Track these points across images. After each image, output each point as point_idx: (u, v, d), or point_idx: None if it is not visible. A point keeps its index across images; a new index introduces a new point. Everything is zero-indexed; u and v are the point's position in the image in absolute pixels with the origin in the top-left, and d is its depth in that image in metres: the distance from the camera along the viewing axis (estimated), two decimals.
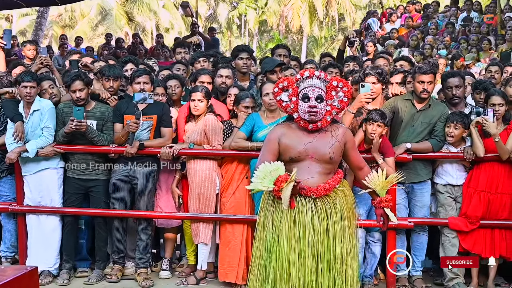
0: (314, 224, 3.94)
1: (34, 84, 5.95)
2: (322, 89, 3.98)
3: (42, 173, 6.04)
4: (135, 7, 36.55)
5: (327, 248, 3.93)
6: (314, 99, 3.94)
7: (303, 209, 3.96)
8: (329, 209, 3.99)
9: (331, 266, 3.93)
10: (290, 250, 3.94)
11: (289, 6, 37.82)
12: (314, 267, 3.92)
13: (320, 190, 3.97)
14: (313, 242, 3.92)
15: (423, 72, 5.71)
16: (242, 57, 7.07)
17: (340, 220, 4.00)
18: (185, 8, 15.84)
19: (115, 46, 15.49)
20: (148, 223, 6.16)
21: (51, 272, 6.06)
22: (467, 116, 5.74)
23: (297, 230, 3.94)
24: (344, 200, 4.07)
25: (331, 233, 3.95)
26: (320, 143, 4.02)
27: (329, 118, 4.02)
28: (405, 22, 15.33)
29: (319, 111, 3.95)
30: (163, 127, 6.08)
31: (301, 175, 3.95)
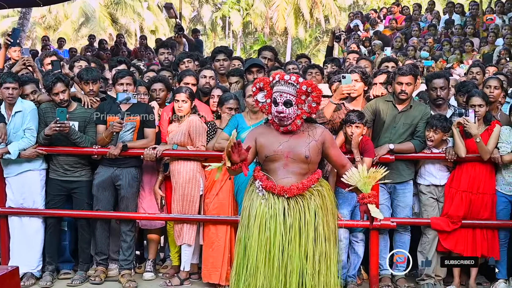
0: (286, 223, 3.95)
1: (16, 85, 5.92)
2: (292, 94, 3.95)
3: (25, 174, 6.03)
4: (119, 9, 36.41)
5: (299, 249, 3.92)
6: (281, 105, 3.95)
7: (275, 208, 3.97)
8: (302, 209, 3.98)
9: (302, 267, 3.92)
10: (261, 249, 3.96)
11: (274, 7, 37.85)
12: (284, 267, 3.91)
13: (293, 189, 3.97)
14: (284, 241, 3.93)
15: (402, 73, 5.75)
16: (219, 59, 7.20)
17: (314, 220, 3.97)
18: (168, 10, 15.79)
19: (98, 47, 15.41)
20: (131, 224, 6.15)
21: (33, 274, 6.03)
22: (447, 120, 5.79)
23: (268, 229, 3.96)
24: (320, 200, 4.04)
25: (304, 233, 3.95)
26: (296, 143, 4.02)
27: (299, 122, 4.00)
28: (389, 24, 15.42)
29: (287, 116, 3.95)
30: (147, 128, 6.07)
31: (276, 174, 4.02)
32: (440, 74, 6.19)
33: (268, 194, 4.02)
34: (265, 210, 3.99)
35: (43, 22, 36.00)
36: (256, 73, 6.60)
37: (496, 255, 5.80)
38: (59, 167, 6.05)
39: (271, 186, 3.99)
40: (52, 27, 35.72)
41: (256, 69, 6.67)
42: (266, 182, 4.02)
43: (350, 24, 16.44)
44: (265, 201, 4.02)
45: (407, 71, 5.76)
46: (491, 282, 5.92)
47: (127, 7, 36.25)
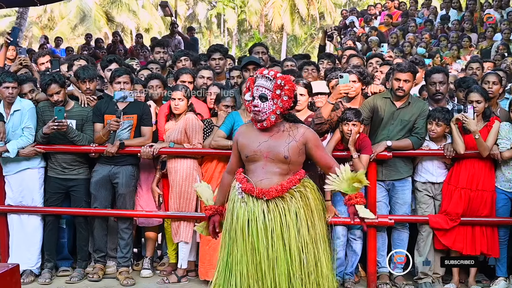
0: (266, 226, 3.86)
1: (15, 84, 5.95)
2: (268, 88, 3.89)
3: (23, 173, 6.04)
4: (114, 8, 36.38)
5: (284, 252, 3.84)
6: (257, 98, 3.89)
7: (255, 211, 3.90)
8: (283, 211, 3.87)
9: (289, 270, 3.83)
10: (246, 253, 3.90)
11: (270, 4, 37.86)
12: (271, 271, 3.84)
13: (272, 191, 3.87)
14: (267, 245, 3.85)
15: (400, 70, 5.72)
16: (215, 58, 7.23)
17: (295, 222, 3.86)
18: (164, 8, 15.83)
19: (94, 46, 15.42)
20: (129, 222, 6.16)
21: (33, 271, 6.05)
22: (448, 112, 5.75)
23: (251, 234, 3.90)
24: (302, 201, 3.92)
25: (286, 236, 3.84)
26: (275, 143, 3.93)
27: (273, 118, 3.89)
28: (384, 20, 15.42)
29: (261, 110, 3.88)
30: (144, 126, 6.09)
31: (257, 176, 3.94)
32: (439, 69, 6.17)
33: (247, 197, 3.95)
34: (245, 213, 3.93)
35: (40, 21, 35.95)
36: (252, 71, 6.62)
37: (496, 253, 5.77)
38: (57, 165, 6.06)
39: (250, 189, 3.92)
40: (48, 26, 35.68)
41: (252, 67, 6.68)
42: (246, 185, 3.95)
43: (346, 21, 16.43)
44: (244, 204, 3.95)
45: (405, 67, 5.73)
46: (491, 280, 5.90)
47: (123, 6, 36.22)
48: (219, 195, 4.26)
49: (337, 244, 5.79)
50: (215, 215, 4.24)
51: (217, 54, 7.35)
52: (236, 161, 4.15)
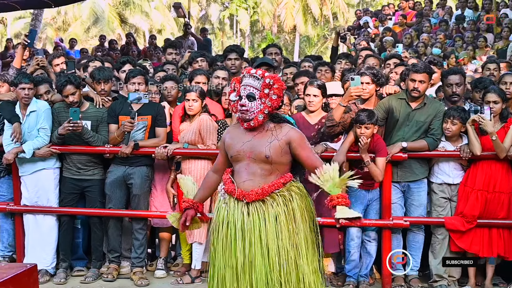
0: (244, 229, 3.80)
1: (31, 85, 5.99)
2: (256, 87, 3.81)
3: (39, 173, 6.07)
4: (127, 9, 36.52)
5: (262, 257, 3.75)
6: (245, 98, 3.81)
7: (235, 213, 3.85)
8: (262, 215, 3.78)
9: (267, 277, 3.74)
10: (224, 256, 3.86)
11: (282, 5, 37.83)
12: (248, 276, 3.77)
13: (252, 195, 3.79)
14: (243, 248, 3.79)
15: (416, 70, 5.66)
16: (231, 58, 7.23)
17: (274, 227, 3.76)
18: (177, 9, 15.86)
19: (108, 47, 15.49)
20: (143, 222, 6.18)
21: (48, 271, 6.08)
22: (464, 111, 5.70)
23: (229, 236, 3.85)
24: (285, 206, 3.81)
25: (264, 240, 3.76)
26: (257, 142, 3.84)
27: (261, 117, 3.81)
28: (398, 20, 15.36)
29: (249, 109, 3.79)
30: (158, 127, 6.10)
31: (240, 176, 3.88)
32: (456, 71, 6.11)
33: (229, 199, 3.90)
34: (225, 215, 3.89)
35: (54, 23, 36.16)
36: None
37: None
38: (72, 166, 6.09)
39: (232, 190, 3.87)
40: (62, 28, 35.88)
41: (265, 68, 6.66)
42: (228, 186, 3.90)
43: (360, 21, 16.39)
44: (226, 206, 3.91)
45: (421, 68, 5.68)
46: (508, 283, 5.84)
47: (136, 7, 36.35)
48: (199, 191, 4.20)
49: (351, 246, 5.78)
50: (190, 209, 4.15)
51: (233, 54, 7.36)
52: (223, 161, 4.10)
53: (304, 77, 6.33)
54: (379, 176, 5.54)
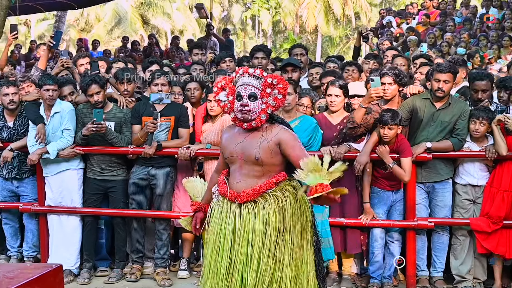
0: (234, 231, 3.77)
1: (55, 87, 6.04)
2: (257, 87, 3.76)
3: (63, 174, 6.12)
4: (150, 10, 36.72)
5: (245, 259, 3.71)
6: (246, 97, 3.74)
7: (227, 215, 3.82)
8: (252, 216, 3.74)
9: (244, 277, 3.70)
10: (212, 257, 3.84)
11: (304, 5, 37.76)
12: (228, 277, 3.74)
13: (243, 195, 3.76)
14: (229, 250, 3.77)
15: (440, 70, 5.60)
16: (258, 57, 7.25)
17: (263, 226, 3.71)
18: (199, 10, 15.88)
19: (131, 48, 15.57)
20: (166, 223, 6.19)
21: (72, 271, 6.12)
22: (492, 111, 5.64)
23: (219, 237, 3.82)
24: (277, 206, 3.74)
25: (251, 242, 3.71)
26: (249, 143, 3.81)
27: (264, 117, 3.76)
28: (422, 20, 15.23)
29: (252, 109, 3.73)
30: (181, 128, 6.12)
31: (234, 177, 3.87)
32: (483, 76, 5.98)
33: (222, 200, 3.88)
34: (218, 216, 3.86)
35: (77, 25, 36.47)
36: (291, 72, 6.58)
37: None
38: (96, 167, 6.13)
39: (224, 192, 3.85)
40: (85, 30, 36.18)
41: (291, 69, 6.65)
42: (221, 187, 3.88)
43: (383, 21, 16.29)
44: (218, 207, 3.89)
45: (446, 68, 5.62)
46: None
47: (158, 8, 36.53)
48: (206, 193, 4.21)
49: (375, 247, 5.75)
50: (199, 211, 4.16)
51: (260, 54, 7.40)
52: (223, 162, 4.07)
53: (332, 77, 6.30)
54: (404, 177, 5.49)
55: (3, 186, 6.36)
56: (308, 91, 6.55)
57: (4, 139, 6.24)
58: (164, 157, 6.08)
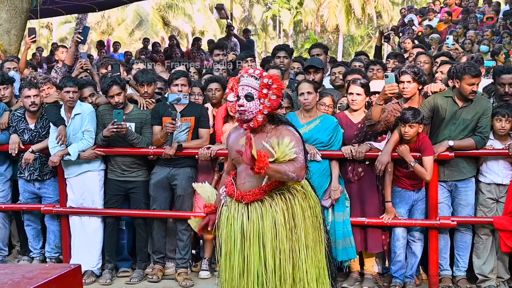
0: (243, 231, 3.78)
1: (76, 89, 6.07)
2: (254, 87, 3.74)
3: (84, 175, 6.15)
4: (171, 12, 36.87)
5: (258, 257, 3.72)
6: (243, 98, 3.73)
7: (234, 215, 3.83)
8: (260, 215, 3.75)
9: (263, 276, 3.70)
10: (225, 258, 3.86)
11: (325, 4, 37.66)
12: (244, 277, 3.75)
13: (249, 195, 3.78)
14: (240, 250, 3.77)
15: (474, 75, 5.50)
16: (280, 56, 7.22)
17: (272, 226, 3.72)
18: (220, 11, 15.93)
19: (152, 50, 15.64)
20: (187, 223, 6.16)
21: (94, 272, 6.15)
22: None
23: (229, 237, 3.84)
24: (285, 204, 3.76)
25: (261, 241, 3.73)
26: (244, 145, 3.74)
27: (261, 118, 3.73)
28: (443, 17, 15.09)
29: (247, 110, 3.72)
30: (201, 128, 6.12)
31: (240, 178, 3.88)
32: (509, 69, 5.88)
33: (230, 201, 3.89)
34: (226, 217, 3.88)
35: (99, 27, 36.75)
36: (313, 74, 6.54)
37: None
38: (117, 168, 6.15)
39: (231, 192, 3.85)
40: (106, 32, 36.44)
41: (313, 70, 6.60)
42: (228, 188, 3.90)
43: (405, 19, 16.19)
44: (226, 208, 3.90)
45: (478, 72, 5.55)
46: None
47: (178, 10, 36.67)
48: (218, 195, 4.19)
49: (397, 247, 5.71)
50: (213, 213, 4.12)
51: (282, 53, 7.38)
52: (231, 163, 4.08)
53: (356, 75, 6.25)
54: (426, 175, 5.44)
55: (25, 188, 6.40)
56: (330, 91, 6.51)
57: (26, 141, 6.28)
58: (185, 157, 6.08)
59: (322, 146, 5.71)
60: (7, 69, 7.49)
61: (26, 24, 9.81)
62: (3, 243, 6.56)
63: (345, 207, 5.71)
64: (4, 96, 6.54)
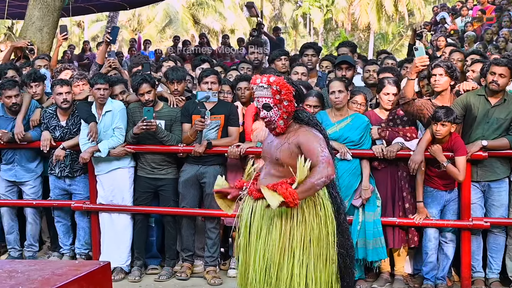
0: (251, 228, 3.93)
1: (107, 86, 6.10)
2: (268, 96, 3.84)
3: (115, 172, 6.18)
4: (201, 10, 37.01)
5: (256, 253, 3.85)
6: (262, 110, 3.87)
7: (246, 211, 3.99)
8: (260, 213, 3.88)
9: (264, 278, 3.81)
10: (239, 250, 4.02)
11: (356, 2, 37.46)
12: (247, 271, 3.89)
13: (256, 192, 3.89)
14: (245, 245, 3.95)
15: (497, 63, 5.46)
16: (308, 54, 7.19)
17: (269, 225, 3.83)
18: (250, 9, 15.92)
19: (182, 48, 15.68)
20: (216, 221, 6.18)
21: (123, 268, 6.18)
22: None
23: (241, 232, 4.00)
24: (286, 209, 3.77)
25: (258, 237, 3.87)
26: (274, 144, 3.94)
27: (282, 123, 3.87)
28: (476, 15, 14.88)
29: (270, 119, 3.87)
30: (231, 126, 6.10)
31: (261, 175, 4.01)
32: None
33: (245, 196, 3.99)
34: (242, 212, 4.03)
35: (129, 25, 37.06)
36: (345, 70, 6.48)
37: None
38: (147, 165, 6.16)
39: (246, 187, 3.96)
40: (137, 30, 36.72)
41: (345, 66, 6.54)
42: (247, 183, 4.02)
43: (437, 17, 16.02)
44: (242, 203, 4.03)
45: (502, 61, 5.48)
46: None
47: (209, 8, 36.79)
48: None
49: (428, 248, 5.64)
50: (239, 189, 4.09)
51: (310, 51, 7.34)
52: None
53: (389, 74, 6.18)
54: (459, 176, 5.35)
55: (56, 184, 6.44)
56: (361, 89, 6.45)
57: (57, 138, 6.32)
58: (214, 155, 6.08)
59: (352, 145, 5.66)
60: (38, 66, 7.57)
61: (58, 22, 9.92)
62: (33, 239, 6.62)
63: (376, 207, 5.65)
64: (36, 93, 6.62)
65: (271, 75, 3.90)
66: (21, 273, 2.61)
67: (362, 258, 5.64)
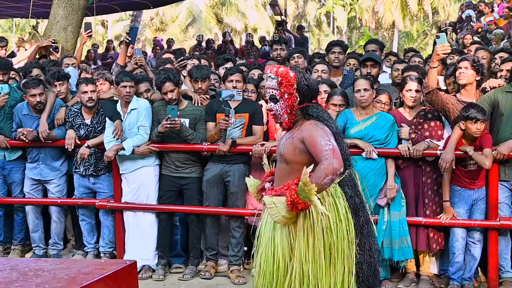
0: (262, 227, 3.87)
1: (132, 83, 6.11)
2: (275, 87, 3.68)
3: (140, 171, 6.18)
4: (224, 9, 37.08)
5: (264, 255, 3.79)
6: (269, 101, 3.73)
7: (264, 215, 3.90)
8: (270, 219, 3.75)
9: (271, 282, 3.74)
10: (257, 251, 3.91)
11: (381, 1, 37.26)
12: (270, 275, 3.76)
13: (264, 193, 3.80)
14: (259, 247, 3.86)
15: None
16: (334, 51, 7.12)
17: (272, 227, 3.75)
18: (273, 7, 15.86)
19: (205, 47, 15.71)
20: (240, 220, 6.16)
21: (151, 267, 6.19)
22: None
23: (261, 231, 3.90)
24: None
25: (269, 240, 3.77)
26: (281, 141, 3.80)
27: (286, 117, 3.68)
28: (503, 13, 14.67)
29: (276, 112, 3.71)
30: (255, 125, 6.08)
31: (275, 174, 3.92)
32: None
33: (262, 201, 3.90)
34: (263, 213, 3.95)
35: (152, 24, 37.25)
36: (370, 68, 6.43)
37: None
38: (171, 164, 6.16)
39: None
40: (160, 29, 36.91)
41: (371, 64, 6.48)
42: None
43: (462, 15, 15.84)
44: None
45: None
46: None
47: (232, 7, 36.84)
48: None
49: (455, 248, 5.56)
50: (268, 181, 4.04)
51: (337, 48, 7.27)
52: None
53: (414, 72, 6.12)
54: (486, 162, 5.25)
55: (80, 183, 6.47)
56: (385, 87, 6.40)
57: (82, 136, 6.35)
58: (238, 154, 6.06)
59: (378, 143, 5.61)
60: (65, 65, 7.64)
61: (82, 21, 9.96)
62: (58, 237, 6.66)
63: (401, 206, 5.59)
64: (60, 92, 6.65)
65: (281, 66, 3.77)
66: (47, 271, 2.61)
67: (388, 258, 5.59)
